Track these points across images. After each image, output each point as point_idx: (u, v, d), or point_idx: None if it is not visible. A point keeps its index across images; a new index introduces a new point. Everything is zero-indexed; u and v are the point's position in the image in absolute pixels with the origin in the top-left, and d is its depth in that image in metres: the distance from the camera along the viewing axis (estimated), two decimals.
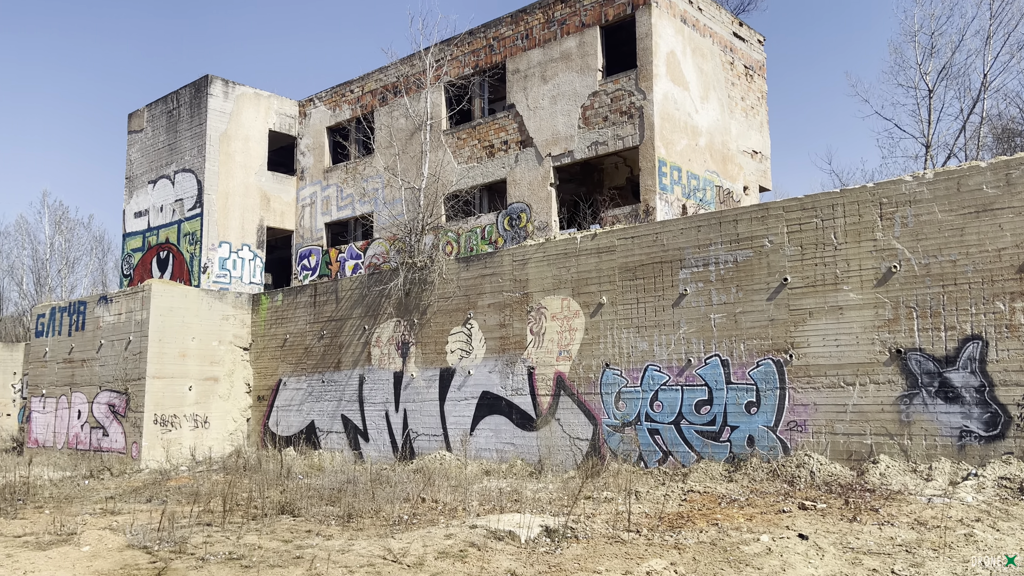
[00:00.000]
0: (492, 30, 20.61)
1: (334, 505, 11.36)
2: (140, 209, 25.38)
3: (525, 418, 15.48)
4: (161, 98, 25.20)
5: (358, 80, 23.94)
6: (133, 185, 25.83)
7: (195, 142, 23.61)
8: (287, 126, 25.33)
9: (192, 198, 23.46)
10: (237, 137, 23.93)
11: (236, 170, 23.81)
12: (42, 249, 42.21)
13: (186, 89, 24.28)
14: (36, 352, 23.40)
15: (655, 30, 17.61)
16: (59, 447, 21.49)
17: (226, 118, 23.74)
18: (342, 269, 23.41)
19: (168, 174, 24.40)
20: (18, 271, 42.98)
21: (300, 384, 19.99)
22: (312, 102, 25.28)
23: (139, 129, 25.90)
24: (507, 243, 19.36)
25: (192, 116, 23.86)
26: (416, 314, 17.70)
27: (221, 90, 23.72)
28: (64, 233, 42.60)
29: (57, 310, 22.94)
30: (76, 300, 22.48)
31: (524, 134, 19.60)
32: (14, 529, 10.55)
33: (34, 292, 41.41)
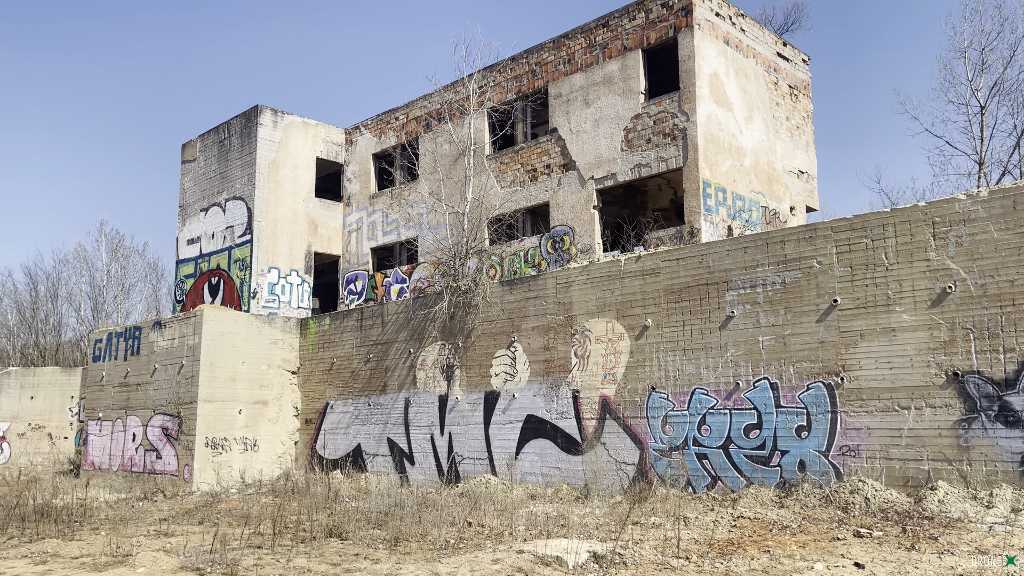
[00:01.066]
0: (534, 55, 20.82)
1: (381, 528, 11.42)
2: (192, 236, 26.06)
3: (570, 442, 15.40)
4: (213, 128, 25.93)
5: (403, 107, 24.35)
6: (186, 213, 26.55)
7: (245, 170, 24.22)
8: (334, 153, 25.83)
9: (242, 225, 24.02)
10: (286, 165, 24.47)
11: (285, 197, 24.33)
12: (99, 276, 43.56)
13: (237, 119, 24.95)
14: (93, 376, 24.07)
15: (697, 52, 17.60)
16: (114, 469, 22.00)
17: (275, 146, 24.32)
18: (387, 293, 23.68)
19: (219, 202, 25.04)
20: (76, 297, 44.39)
21: (347, 407, 20.19)
22: (358, 129, 25.76)
23: (192, 159, 26.66)
24: (550, 266, 19.40)
25: (242, 145, 24.50)
26: (460, 337, 17.79)
27: (270, 119, 24.33)
28: (120, 260, 43.93)
29: (113, 335, 23.60)
30: (131, 325, 23.12)
31: (567, 157, 19.69)
32: (72, 550, 10.81)
33: (91, 318, 42.67)
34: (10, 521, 13.14)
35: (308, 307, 24.53)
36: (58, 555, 10.46)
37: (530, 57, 20.92)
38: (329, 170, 26.35)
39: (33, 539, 11.72)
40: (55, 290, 45.29)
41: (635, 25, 18.69)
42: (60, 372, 33.20)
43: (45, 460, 30.13)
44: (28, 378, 32.44)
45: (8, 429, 31.53)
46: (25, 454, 31.20)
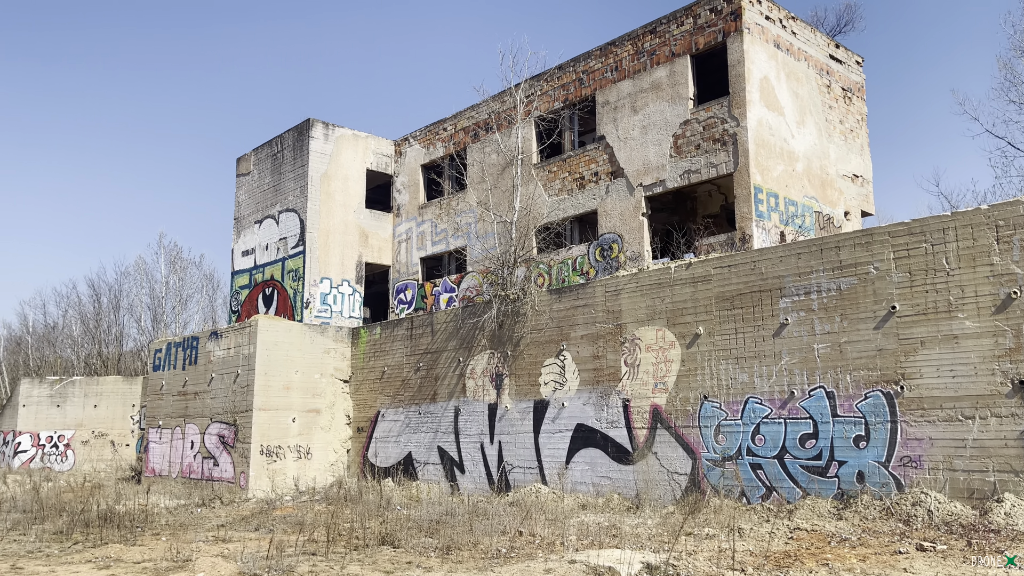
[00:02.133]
0: (581, 64, 20.81)
1: (433, 537, 11.48)
2: (247, 248, 26.65)
3: (621, 451, 15.27)
4: (266, 142, 26.52)
5: (451, 118, 24.56)
6: (241, 225, 27.17)
7: (298, 183, 24.70)
8: (383, 165, 26.17)
9: (295, 236, 24.48)
10: (337, 177, 24.89)
11: (336, 209, 24.73)
12: (158, 287, 44.84)
13: (289, 133, 25.48)
14: (153, 385, 24.75)
15: (747, 56, 17.39)
16: (174, 476, 22.56)
17: (326, 159, 24.75)
18: (437, 302, 23.86)
19: (273, 214, 25.57)
20: (137, 308, 45.76)
21: (397, 416, 20.38)
22: (407, 141, 26.07)
23: (246, 172, 27.30)
24: (599, 274, 19.31)
25: (295, 158, 24.99)
26: (509, 346, 17.82)
27: (322, 132, 24.77)
28: (178, 272, 45.16)
29: (172, 345, 24.24)
30: (189, 335, 23.72)
31: (615, 165, 19.61)
32: (134, 555, 11.11)
33: (151, 328, 43.93)
34: (75, 526, 13.57)
35: (359, 316, 24.85)
36: (121, 560, 10.76)
37: (577, 65, 20.92)
38: (379, 181, 26.71)
39: (97, 544, 12.09)
40: (117, 301, 46.77)
41: (683, 31, 18.56)
42: (122, 381, 34.23)
43: (108, 467, 31.07)
44: (92, 387, 33.53)
45: (73, 437, 32.60)
46: (89, 461, 32.23)
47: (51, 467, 31.40)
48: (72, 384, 33.35)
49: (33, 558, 11.08)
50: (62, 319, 50.19)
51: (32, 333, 51.13)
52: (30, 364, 47.36)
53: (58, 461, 32.05)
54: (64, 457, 32.21)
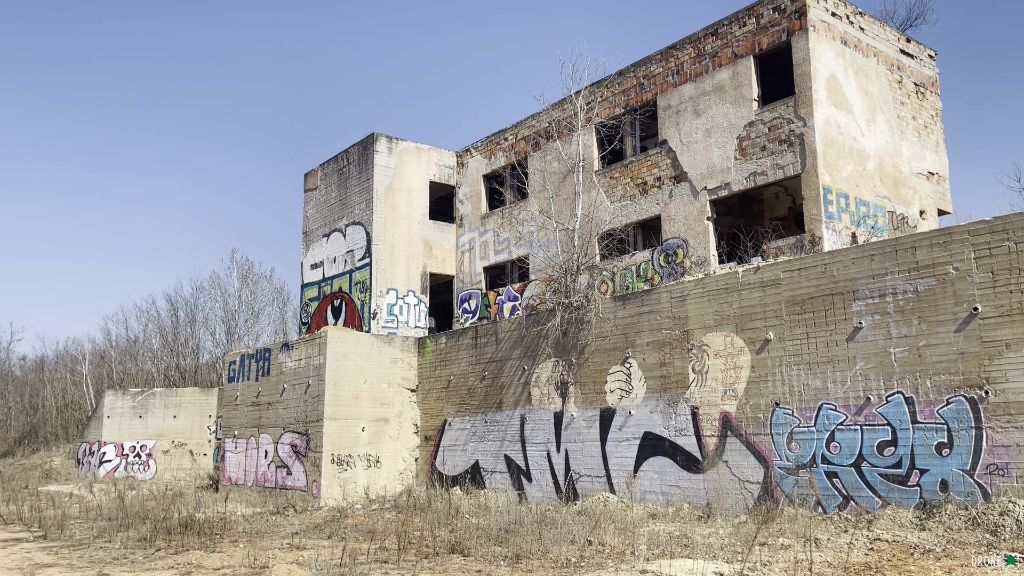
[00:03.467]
0: (642, 69, 20.68)
1: (502, 545, 11.50)
2: (316, 261, 27.28)
3: (690, 460, 15.04)
4: (332, 157, 27.12)
5: (511, 128, 24.69)
6: (309, 239, 27.83)
7: (363, 196, 25.17)
8: (446, 176, 26.47)
9: (362, 249, 24.94)
10: (401, 189, 25.28)
11: (400, 221, 25.11)
12: (231, 301, 46.24)
13: (354, 148, 26.01)
14: (228, 396, 25.51)
15: (813, 55, 17.00)
16: (249, 484, 23.18)
17: (390, 172, 25.17)
18: (500, 311, 23.96)
19: (340, 227, 26.12)
20: (212, 322, 47.29)
21: (464, 424, 20.51)
22: (468, 152, 26.31)
23: (314, 187, 27.97)
24: (664, 280, 19.10)
25: (360, 172, 25.49)
26: (574, 354, 17.76)
27: (385, 146, 25.22)
28: (250, 286, 46.51)
29: (245, 357, 24.95)
30: (262, 347, 24.37)
31: (678, 169, 19.39)
32: (213, 562, 11.45)
33: (225, 341, 45.31)
34: (158, 534, 14.07)
35: (424, 326, 25.13)
36: (201, 566, 11.10)
37: (637, 70, 20.79)
38: (442, 192, 27.01)
39: (178, 551, 12.50)
40: (193, 315, 48.44)
41: (746, 31, 18.26)
42: (199, 392, 35.39)
43: (187, 475, 32.13)
44: (171, 398, 34.77)
45: (154, 446, 33.84)
46: (169, 470, 33.40)
47: (134, 476, 32.65)
48: (153, 396, 34.64)
49: (118, 564, 11.53)
50: (142, 333, 52.23)
51: (115, 347, 53.35)
52: (113, 377, 49.39)
53: (141, 470, 33.30)
54: (146, 466, 33.45)
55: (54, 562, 11.95)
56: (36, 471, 35.78)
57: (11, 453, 46.24)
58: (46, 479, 33.19)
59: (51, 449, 43.04)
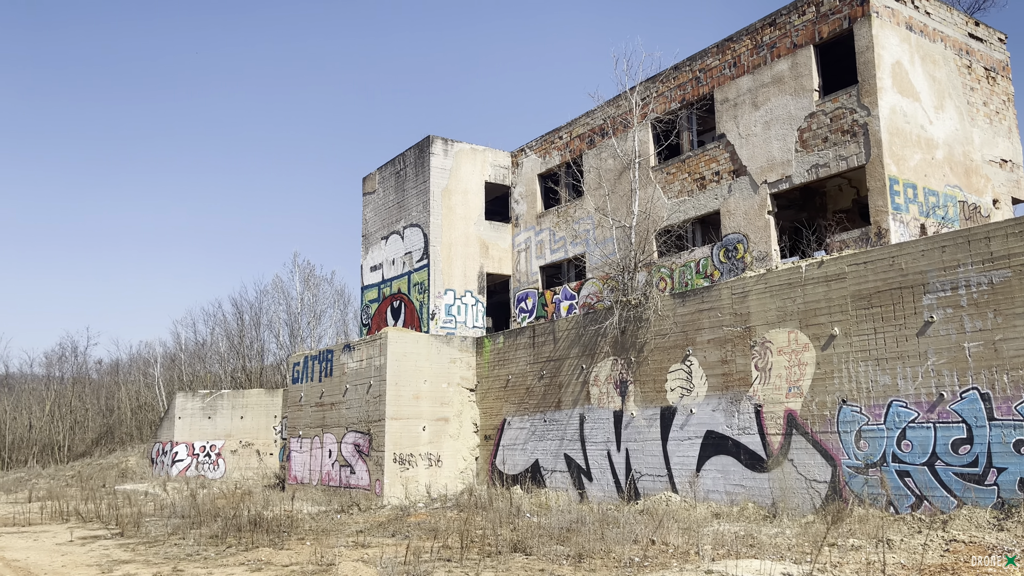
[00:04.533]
0: (698, 62, 20.39)
1: (564, 545, 11.48)
2: (375, 263, 27.68)
3: (754, 459, 14.78)
4: (389, 161, 27.48)
5: (566, 126, 24.63)
6: (368, 242, 28.26)
7: (420, 198, 25.44)
8: (501, 176, 26.55)
9: (419, 250, 25.21)
10: (457, 191, 25.46)
11: (457, 222, 25.29)
12: (294, 304, 47.26)
13: (411, 151, 26.30)
14: (292, 397, 26.08)
15: (877, 41, 16.51)
16: (314, 483, 23.66)
17: (446, 174, 25.38)
18: (557, 310, 23.93)
19: (398, 229, 26.45)
20: (275, 324, 48.44)
21: (523, 423, 20.55)
22: (523, 152, 26.34)
23: (372, 191, 28.38)
24: (724, 276, 18.80)
25: (417, 175, 25.77)
26: (633, 352, 17.62)
27: (441, 148, 25.43)
28: (311, 289, 47.46)
29: (309, 358, 25.47)
30: (324, 349, 24.85)
31: (736, 163, 19.06)
32: (282, 559, 11.73)
33: (288, 343, 46.34)
34: (228, 531, 14.48)
35: (482, 326, 25.26)
36: (270, 563, 11.37)
37: (693, 64, 20.51)
38: (497, 193, 27.11)
39: (248, 548, 12.84)
40: (257, 318, 49.68)
41: (805, 20, 17.84)
42: (264, 393, 36.28)
43: (254, 474, 32.97)
44: (238, 399, 35.73)
45: (223, 446, 34.83)
46: (237, 469, 34.32)
47: (205, 475, 33.66)
48: (221, 397, 35.65)
49: (192, 561, 11.90)
50: (210, 336, 53.80)
51: (184, 350, 55.08)
52: (183, 379, 50.99)
53: (210, 469, 34.31)
54: (216, 465, 34.45)
55: (131, 558, 12.40)
56: (113, 470, 37.18)
57: (89, 453, 48.19)
58: (122, 478, 34.49)
59: (126, 449, 44.69)
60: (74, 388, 56.48)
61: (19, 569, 11.68)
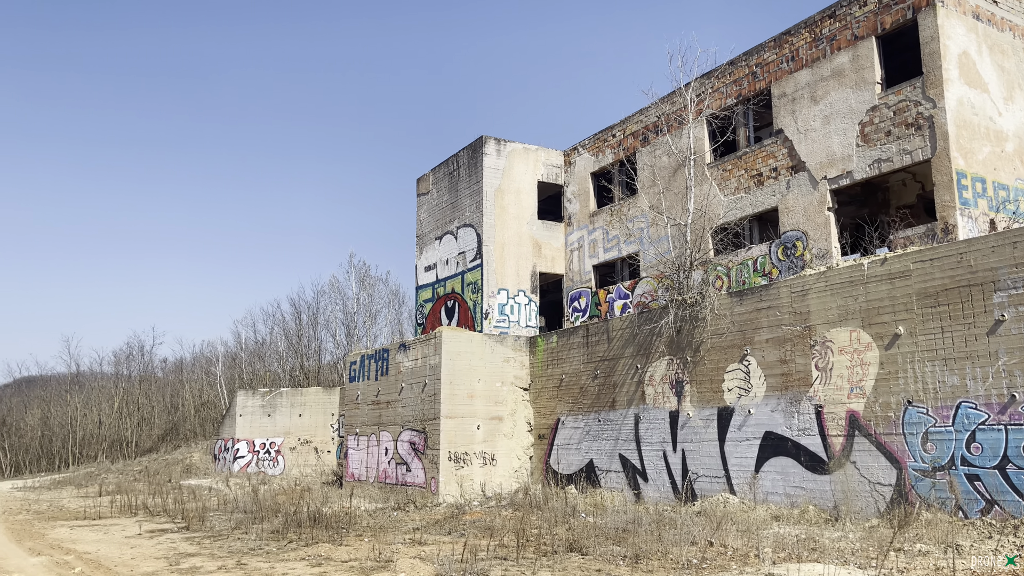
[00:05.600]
0: (754, 57, 20.04)
1: (620, 545, 11.42)
2: (429, 263, 27.93)
3: (815, 460, 14.46)
4: (443, 162, 27.70)
5: (619, 124, 24.47)
6: (423, 242, 28.53)
7: (473, 199, 25.58)
8: (553, 176, 26.52)
9: (473, 250, 25.35)
10: (509, 191, 25.52)
11: (510, 221, 25.35)
12: (350, 304, 48.02)
13: (464, 151, 26.46)
14: (349, 395, 26.49)
15: (942, 32, 15.99)
16: (371, 481, 23.99)
17: (499, 174, 25.46)
18: (611, 309, 23.79)
19: (452, 230, 26.65)
20: (332, 324, 49.26)
21: (577, 423, 20.49)
22: (576, 150, 26.26)
23: (426, 191, 28.65)
24: (782, 274, 18.45)
25: (470, 175, 25.92)
26: (689, 352, 17.42)
27: (494, 148, 25.52)
28: (367, 289, 48.16)
29: (365, 357, 25.83)
30: (380, 348, 25.17)
31: (795, 159, 18.68)
32: (341, 555, 11.93)
33: (345, 342, 47.10)
34: (289, 527, 14.79)
35: (535, 325, 25.28)
36: (330, 558, 11.58)
37: (749, 59, 20.17)
38: (550, 192, 27.08)
39: (309, 543, 13.10)
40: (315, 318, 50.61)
41: (866, 11, 17.38)
42: (322, 392, 36.94)
43: (313, 471, 33.61)
44: (296, 397, 36.45)
45: (282, 443, 35.57)
46: (296, 466, 35.02)
47: (265, 471, 34.43)
48: (280, 395, 36.41)
49: (255, 555, 12.19)
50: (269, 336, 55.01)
51: (245, 349, 56.42)
52: (244, 377, 52.24)
53: (270, 466, 35.08)
54: (275, 462, 35.21)
55: (196, 552, 12.77)
56: (178, 466, 38.30)
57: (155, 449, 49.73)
58: (187, 473, 35.51)
59: (190, 445, 45.98)
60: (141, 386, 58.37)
61: (90, 561, 12.12)
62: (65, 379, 62.84)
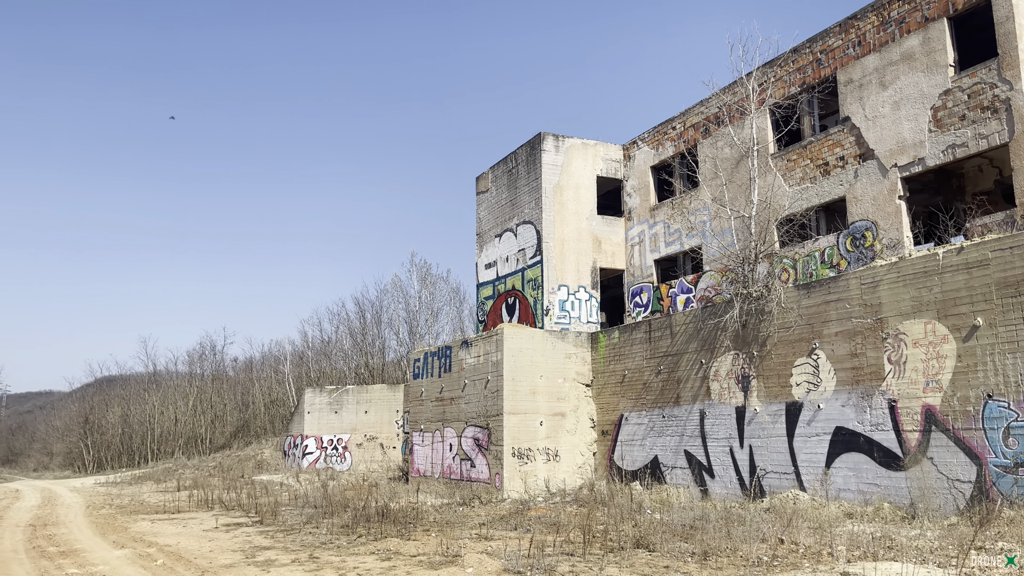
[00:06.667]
0: (818, 43, 19.53)
1: (688, 542, 11.31)
2: (489, 261, 28.09)
3: (889, 456, 14.05)
4: (502, 159, 27.80)
5: (679, 116, 24.17)
6: (483, 240, 28.71)
7: (532, 195, 25.61)
8: (612, 170, 26.36)
9: (532, 247, 25.39)
10: (568, 187, 25.47)
11: (569, 217, 25.30)
12: (412, 302, 48.63)
13: (522, 148, 26.51)
14: (413, 392, 26.85)
15: (1017, 11, 15.31)
16: (436, 476, 24.29)
17: (558, 170, 25.43)
18: (673, 304, 23.53)
19: (511, 227, 26.74)
20: (395, 322, 50.01)
21: (641, 419, 20.35)
22: (635, 144, 26.04)
23: (485, 190, 28.81)
24: (851, 265, 17.96)
25: (528, 172, 25.95)
26: (755, 346, 17.11)
27: (552, 145, 25.50)
28: (428, 287, 48.71)
29: (428, 355, 26.14)
30: (443, 345, 25.45)
31: (863, 147, 18.15)
32: (409, 549, 12.12)
33: (408, 339, 47.74)
34: (358, 521, 15.09)
35: (596, 321, 25.18)
36: (399, 553, 11.78)
37: (813, 45, 19.67)
38: (608, 187, 26.92)
39: (377, 537, 13.34)
40: (378, 316, 51.44)
41: None
42: (387, 389, 37.52)
43: (379, 467, 34.20)
44: (362, 395, 37.12)
45: (349, 440, 36.29)
46: (363, 462, 35.68)
47: (332, 467, 35.18)
48: (346, 392, 37.13)
49: (326, 549, 12.48)
50: (334, 334, 56.14)
51: (311, 347, 57.70)
52: (310, 375, 53.45)
53: (338, 461, 35.83)
54: (343, 458, 35.94)
55: (270, 545, 13.14)
56: (250, 462, 39.43)
57: (228, 446, 51.29)
58: (258, 469, 36.53)
59: (261, 442, 47.28)
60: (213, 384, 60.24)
61: (171, 554, 12.60)
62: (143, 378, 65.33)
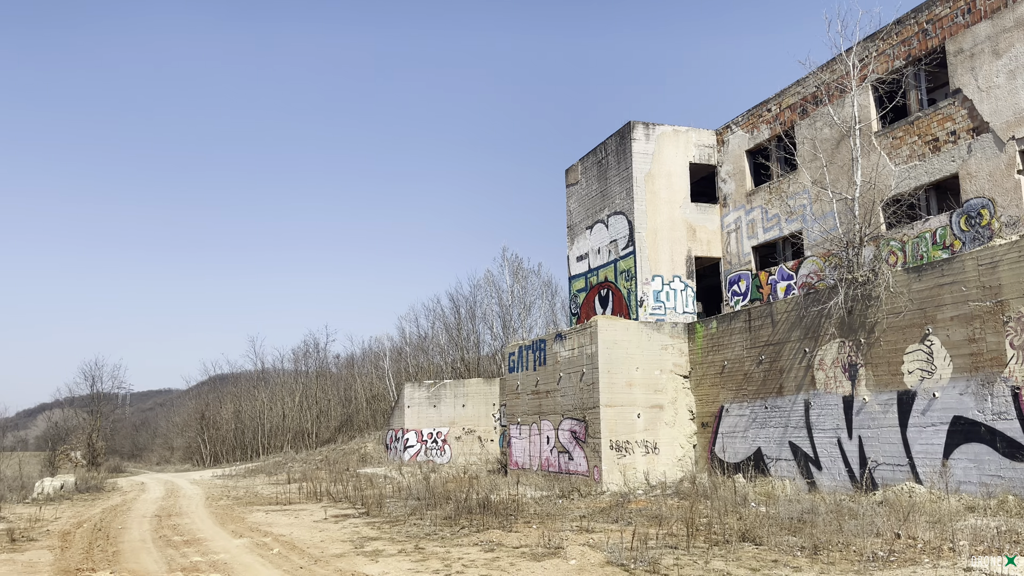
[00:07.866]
0: (924, 13, 18.53)
1: (796, 536, 11.00)
2: (581, 253, 28.00)
3: (1013, 447, 13.25)
4: (591, 151, 27.63)
5: (774, 98, 23.41)
6: (573, 232, 28.63)
7: (623, 186, 25.35)
8: (705, 156, 25.79)
9: (624, 238, 25.14)
10: (660, 175, 25.08)
11: (661, 206, 24.92)
12: (505, 296, 49.03)
13: (612, 138, 26.27)
14: (509, 386, 27.08)
15: None
16: (534, 469, 24.44)
17: (648, 159, 25.07)
18: (773, 292, 22.85)
19: (602, 218, 26.56)
20: (489, 317, 50.56)
21: (742, 410, 19.88)
22: (728, 128, 25.38)
23: (574, 182, 28.71)
24: (966, 245, 16.98)
25: (619, 162, 25.70)
26: (862, 333, 16.43)
27: (642, 133, 25.16)
28: (520, 281, 48.99)
29: (522, 348, 26.30)
30: (537, 339, 25.54)
31: (976, 120, 17.12)
32: (511, 541, 12.25)
33: (501, 334, 48.18)
34: (460, 513, 15.37)
35: (692, 311, 24.73)
36: (502, 544, 11.93)
37: (919, 16, 18.67)
38: (702, 174, 26.36)
39: (480, 529, 13.55)
40: (472, 311, 52.14)
41: None
42: (483, 383, 38.01)
43: (477, 460, 34.70)
44: (459, 389, 37.73)
45: (448, 433, 36.96)
46: (462, 454, 36.29)
47: (433, 460, 35.93)
48: (443, 387, 37.83)
49: (431, 540, 12.77)
50: (431, 330, 57.25)
51: (409, 343, 59.05)
52: (409, 370, 54.71)
53: (438, 454, 36.56)
54: (442, 451, 36.66)
55: (377, 536, 13.55)
56: (354, 455, 40.74)
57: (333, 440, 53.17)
58: (362, 462, 37.71)
59: (364, 436, 48.76)
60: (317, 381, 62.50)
61: (286, 543, 13.17)
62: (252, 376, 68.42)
